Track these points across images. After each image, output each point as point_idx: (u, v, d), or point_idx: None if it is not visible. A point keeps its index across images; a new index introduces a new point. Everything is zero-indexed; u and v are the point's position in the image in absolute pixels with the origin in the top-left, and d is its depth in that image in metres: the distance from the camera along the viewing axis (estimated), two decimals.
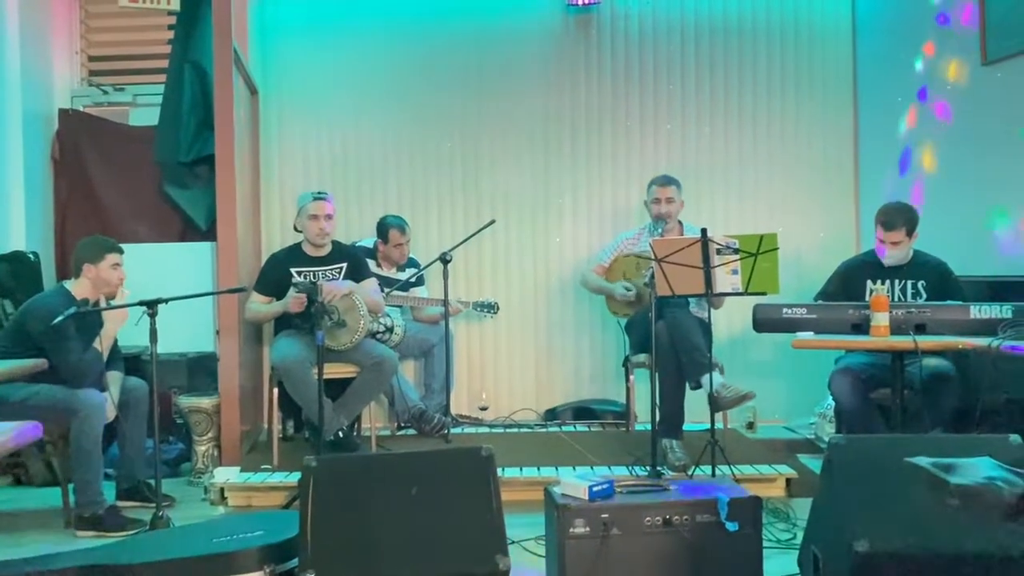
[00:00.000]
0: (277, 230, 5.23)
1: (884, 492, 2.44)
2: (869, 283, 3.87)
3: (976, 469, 1.90)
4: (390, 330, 4.59)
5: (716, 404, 3.79)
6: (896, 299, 3.81)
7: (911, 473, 1.96)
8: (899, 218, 3.80)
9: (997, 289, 3.89)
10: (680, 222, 4.58)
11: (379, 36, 5.29)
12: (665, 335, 3.98)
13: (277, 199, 5.26)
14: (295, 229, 4.45)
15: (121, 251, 3.87)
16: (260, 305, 4.33)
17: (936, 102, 4.57)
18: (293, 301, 4.09)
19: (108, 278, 3.80)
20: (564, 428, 4.92)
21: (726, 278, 3.60)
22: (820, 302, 3.82)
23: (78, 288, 3.79)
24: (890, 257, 3.84)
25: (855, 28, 5.30)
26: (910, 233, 3.81)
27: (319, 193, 4.36)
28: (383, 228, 4.81)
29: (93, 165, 5.25)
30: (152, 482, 3.65)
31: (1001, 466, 1.92)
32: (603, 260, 4.75)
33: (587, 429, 4.93)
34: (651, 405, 3.93)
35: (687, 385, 4.03)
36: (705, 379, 3.84)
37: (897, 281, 3.87)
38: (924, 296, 3.81)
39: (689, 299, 4.21)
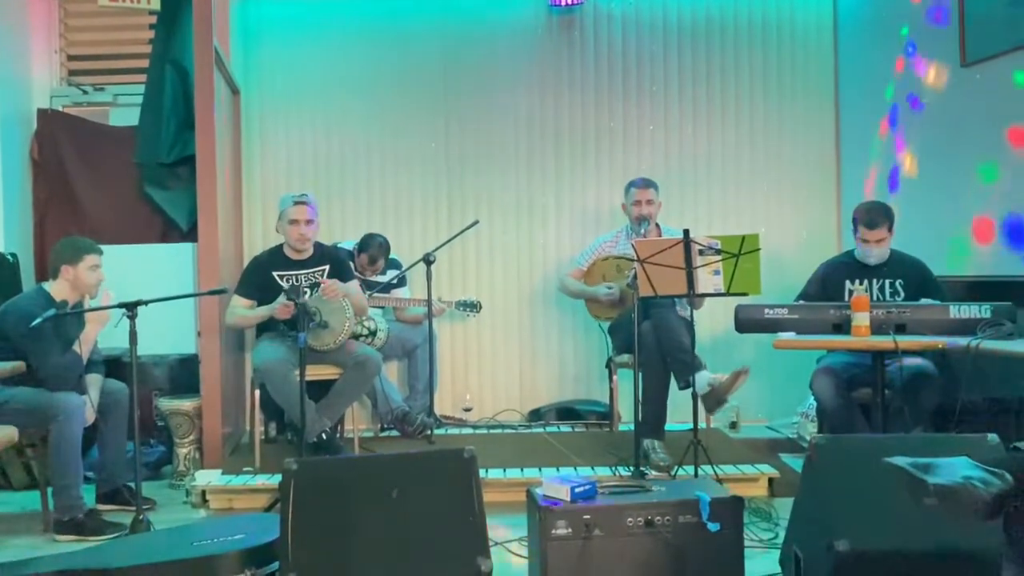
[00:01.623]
0: (259, 231, 5.20)
1: (864, 492, 2.45)
2: (848, 283, 3.90)
3: (954, 469, 1.91)
4: (373, 334, 4.58)
5: (715, 395, 3.81)
6: (875, 298, 3.84)
7: (891, 473, 1.97)
8: (880, 216, 3.85)
9: (977, 289, 3.92)
10: (658, 224, 4.59)
11: (361, 36, 5.28)
12: (651, 335, 3.99)
13: (259, 199, 5.24)
14: (277, 231, 4.42)
15: (100, 252, 3.83)
16: (244, 310, 4.28)
17: (916, 103, 4.60)
18: (281, 308, 4.05)
19: (86, 279, 3.76)
20: (548, 429, 4.92)
21: (708, 279, 3.61)
22: (801, 303, 3.84)
23: (56, 289, 3.76)
24: (875, 255, 3.86)
25: (836, 29, 5.34)
26: (890, 229, 3.86)
27: (299, 196, 4.28)
28: (361, 245, 4.80)
29: (73, 165, 5.20)
30: (132, 485, 3.63)
31: (978, 466, 1.93)
32: (581, 264, 4.75)
33: (571, 430, 4.93)
34: (634, 406, 3.94)
35: (677, 385, 4.04)
36: (693, 378, 3.85)
37: (875, 280, 3.90)
38: (903, 295, 3.85)
39: (674, 299, 4.22)
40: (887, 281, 3.89)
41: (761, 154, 5.35)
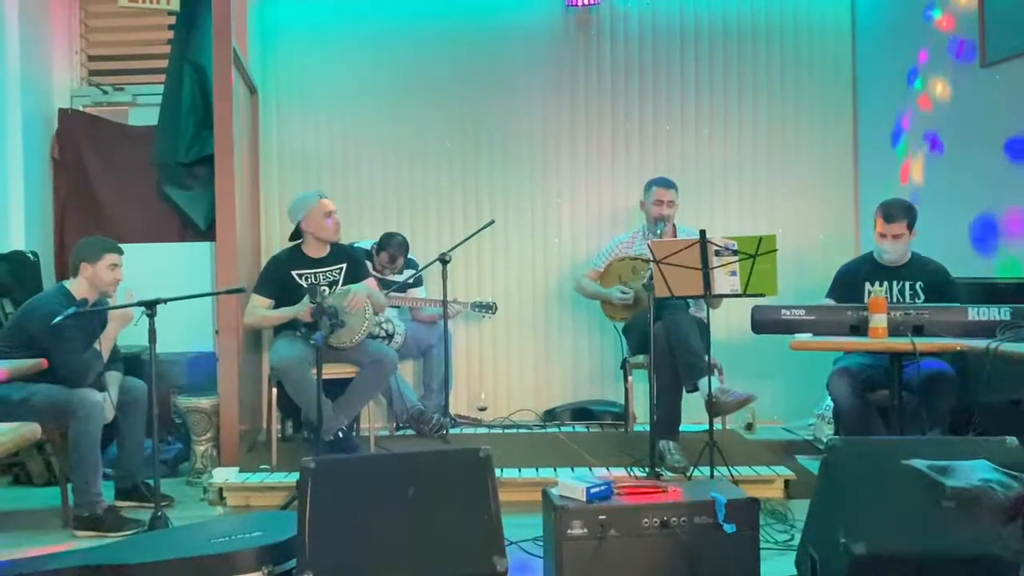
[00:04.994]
0: (276, 230, 5.23)
1: (881, 494, 2.44)
2: (868, 285, 3.87)
3: (972, 472, 1.91)
4: (390, 336, 4.60)
5: (716, 409, 3.78)
6: (895, 300, 3.81)
7: (908, 475, 1.96)
8: (900, 211, 3.79)
9: (994, 292, 3.89)
10: (674, 224, 4.59)
11: (378, 36, 5.29)
12: (663, 337, 3.98)
13: (276, 199, 5.26)
14: (299, 229, 4.40)
15: (120, 252, 3.86)
16: (264, 310, 4.29)
17: (935, 104, 4.57)
18: (306, 311, 4.04)
19: (104, 277, 3.79)
20: (563, 429, 4.92)
21: (725, 279, 3.60)
22: (817, 304, 3.80)
23: (77, 288, 3.79)
24: (891, 251, 3.81)
25: (854, 29, 5.31)
26: (910, 227, 3.80)
27: (319, 191, 4.38)
28: (381, 244, 4.82)
29: (92, 165, 5.25)
30: (151, 482, 3.65)
31: (997, 469, 1.93)
32: (597, 265, 4.75)
33: (586, 430, 4.93)
34: (649, 406, 3.93)
35: (684, 388, 4.03)
36: (702, 382, 3.84)
37: (895, 282, 3.86)
38: (922, 297, 3.81)
39: (688, 300, 4.21)
40: (907, 283, 3.85)
41: (778, 155, 5.33)
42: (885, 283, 3.85)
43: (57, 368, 3.62)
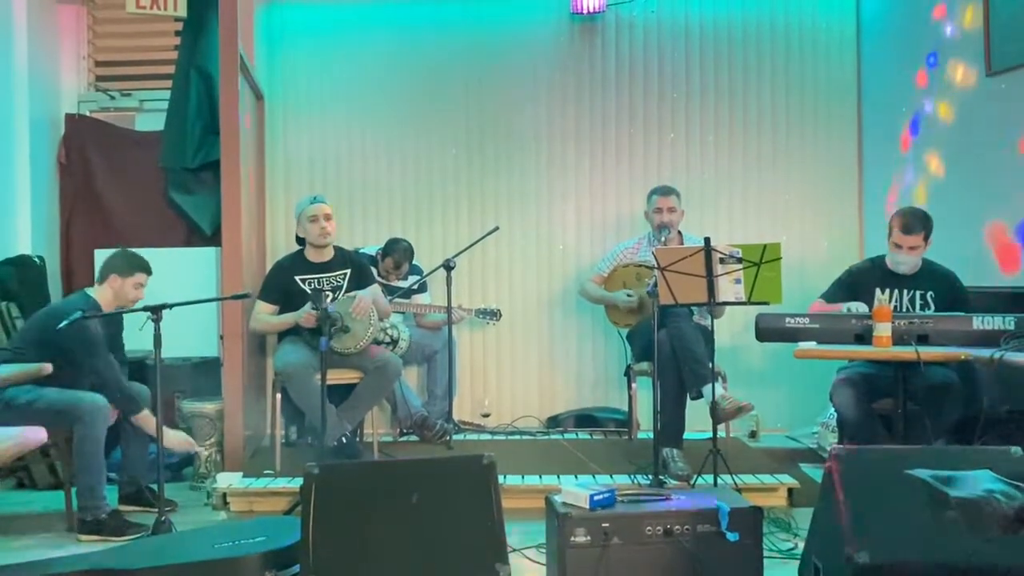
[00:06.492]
0: (282, 236, 5.24)
1: (885, 503, 2.44)
2: (878, 291, 3.83)
3: (976, 482, 1.91)
4: (395, 342, 4.60)
5: (715, 415, 3.78)
6: (904, 309, 3.78)
7: (912, 485, 1.96)
8: (918, 222, 3.76)
9: (1003, 300, 3.87)
10: (680, 232, 4.59)
11: (385, 43, 5.31)
12: (667, 345, 3.98)
13: (282, 205, 5.27)
14: (297, 239, 4.44)
15: (150, 272, 3.90)
16: (268, 316, 4.31)
17: (940, 112, 4.57)
18: (307, 316, 4.06)
19: (128, 294, 3.85)
20: (566, 436, 4.92)
21: (729, 287, 3.60)
22: (820, 311, 3.78)
23: (100, 295, 3.84)
24: (906, 263, 3.80)
25: (859, 38, 5.31)
26: (927, 238, 3.78)
27: (314, 196, 4.38)
28: (386, 249, 4.83)
29: (99, 170, 5.28)
30: (155, 487, 3.66)
31: (1000, 479, 1.93)
32: (602, 270, 4.75)
33: (589, 437, 4.93)
34: (653, 413, 3.93)
35: (687, 395, 4.03)
36: (706, 389, 3.84)
37: (906, 291, 3.83)
38: (933, 307, 3.78)
39: (692, 308, 4.21)
40: (918, 292, 3.82)
41: (783, 162, 5.33)
42: (896, 291, 3.82)
43: (87, 372, 3.65)
